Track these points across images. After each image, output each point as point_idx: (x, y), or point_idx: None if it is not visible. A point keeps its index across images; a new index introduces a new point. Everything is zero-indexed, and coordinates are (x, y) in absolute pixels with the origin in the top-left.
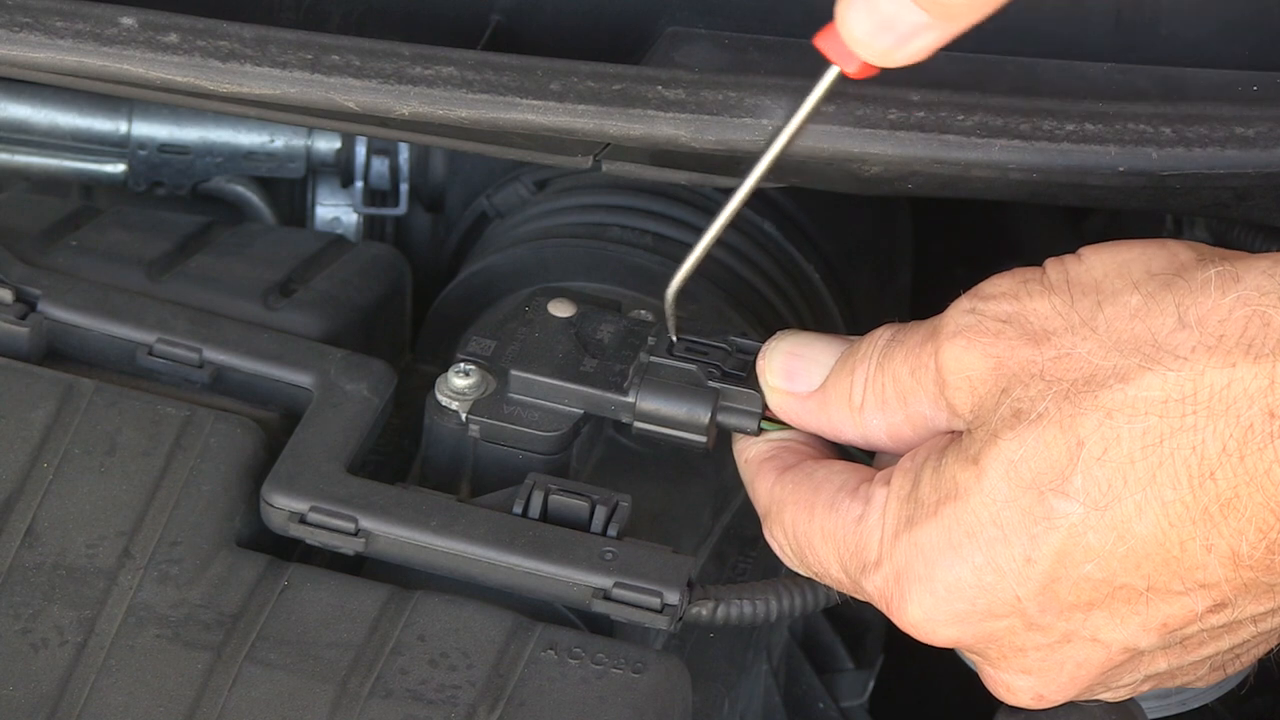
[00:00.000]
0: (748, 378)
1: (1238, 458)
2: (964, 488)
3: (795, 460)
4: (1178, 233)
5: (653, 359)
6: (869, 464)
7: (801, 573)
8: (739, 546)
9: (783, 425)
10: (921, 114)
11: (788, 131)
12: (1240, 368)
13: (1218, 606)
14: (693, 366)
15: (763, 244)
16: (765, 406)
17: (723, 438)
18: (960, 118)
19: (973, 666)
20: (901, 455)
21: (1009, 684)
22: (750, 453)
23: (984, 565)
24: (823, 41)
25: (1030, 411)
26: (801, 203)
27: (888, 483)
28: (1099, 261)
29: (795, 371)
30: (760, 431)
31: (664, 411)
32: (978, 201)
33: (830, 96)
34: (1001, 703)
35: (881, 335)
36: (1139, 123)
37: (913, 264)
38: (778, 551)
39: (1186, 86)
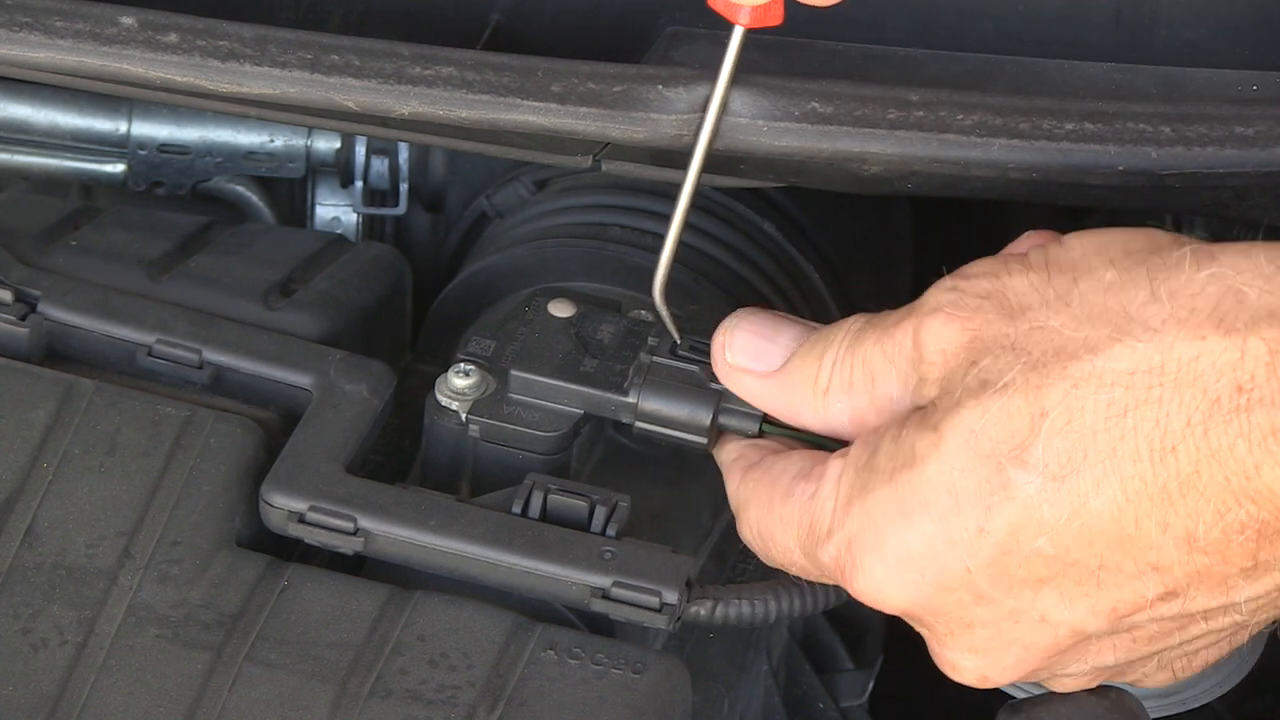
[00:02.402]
0: None
1: (1201, 431)
2: (921, 455)
3: (758, 457)
4: (1177, 232)
5: (655, 359)
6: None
7: (774, 566)
8: (739, 546)
9: (785, 429)
10: (921, 113)
11: (713, 109)
12: (1210, 340)
13: (1169, 594)
14: (695, 368)
15: (763, 244)
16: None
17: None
18: (960, 117)
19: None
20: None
21: (954, 662)
22: (722, 454)
23: (936, 534)
24: (714, 1)
25: (997, 381)
26: (801, 203)
27: (844, 456)
28: (1078, 243)
29: (758, 351)
30: (761, 434)
31: (666, 412)
32: (978, 201)
33: (830, 97)
34: (1001, 703)
35: (854, 322)
36: (1139, 122)
37: (913, 264)
38: (750, 548)
39: (1186, 86)
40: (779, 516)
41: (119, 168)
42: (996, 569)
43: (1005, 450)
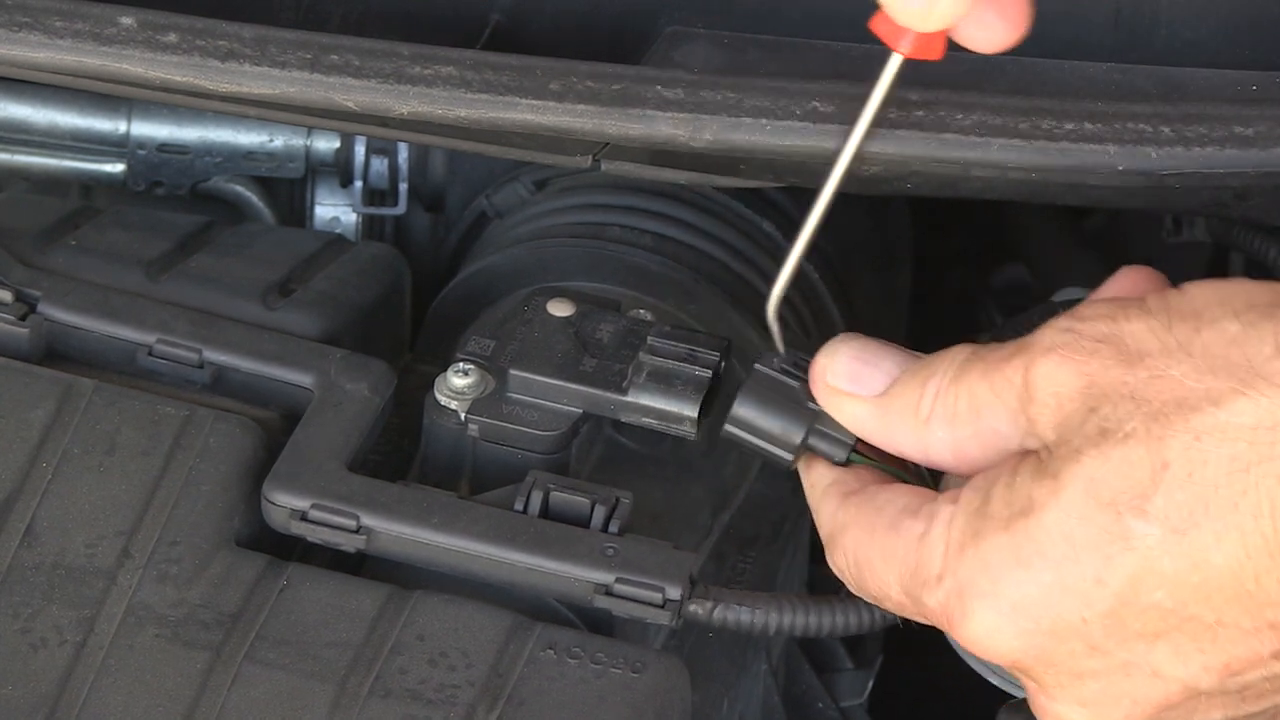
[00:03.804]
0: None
1: None
2: (1039, 503)
3: (859, 485)
4: (1177, 232)
5: (758, 367)
6: (935, 489)
7: (863, 597)
8: (738, 546)
9: (871, 459)
10: (920, 113)
11: (860, 129)
12: None
13: None
14: (795, 384)
15: (763, 244)
16: (858, 439)
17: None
18: (959, 117)
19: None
20: (963, 475)
21: (1061, 714)
22: (817, 477)
23: (1053, 583)
24: (877, 25)
25: (1117, 430)
26: (801, 203)
27: (955, 500)
28: (1200, 292)
29: (859, 375)
30: (848, 463)
31: (759, 423)
32: (978, 201)
33: (830, 97)
34: (1001, 703)
35: (960, 352)
36: (1138, 122)
37: (913, 264)
38: (840, 576)
39: (1186, 86)
40: (880, 548)
41: (119, 168)
42: (1113, 620)
43: (1126, 500)
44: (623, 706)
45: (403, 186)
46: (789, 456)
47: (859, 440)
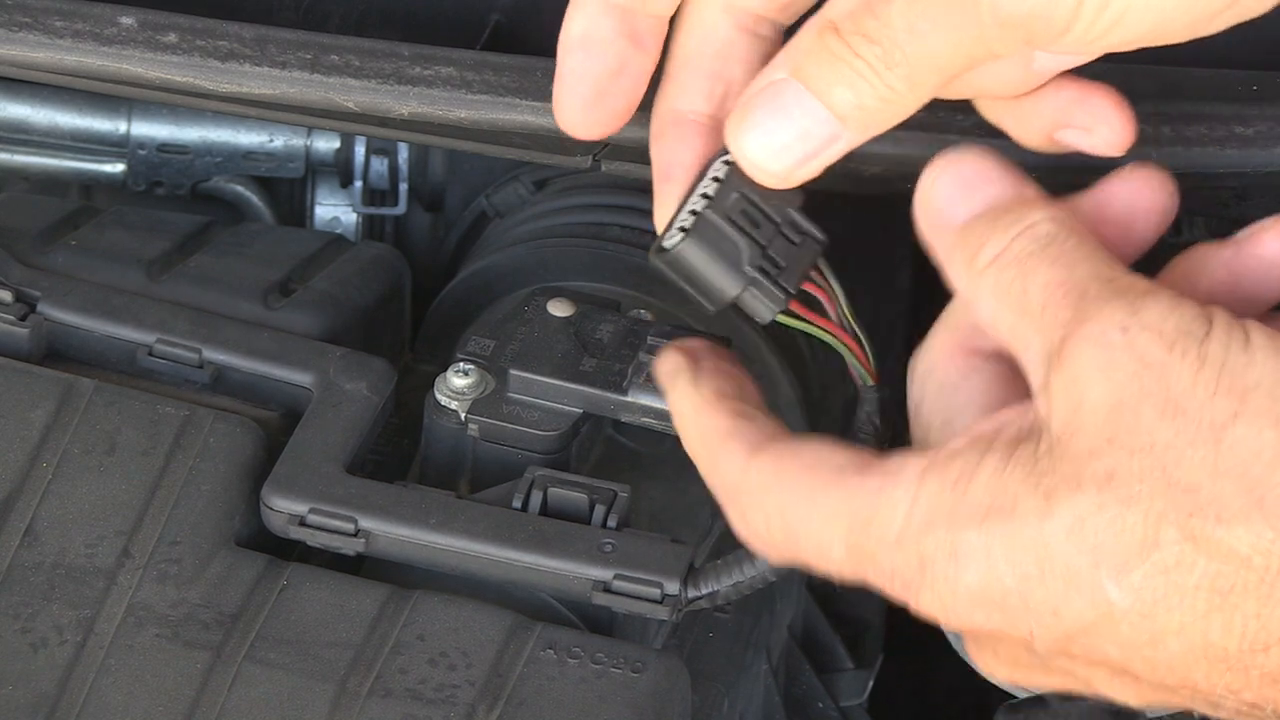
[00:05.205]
0: (786, 269)
1: None
2: (1022, 514)
3: (762, 437)
4: (1177, 233)
5: (707, 211)
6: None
7: (784, 563)
8: (738, 546)
9: (801, 320)
10: (921, 114)
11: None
12: None
13: (1210, 706)
14: (741, 239)
15: None
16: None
17: None
18: (960, 118)
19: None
20: (962, 378)
21: (991, 671)
22: (705, 421)
23: (1012, 592)
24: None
25: (1125, 485)
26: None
27: (925, 457)
28: (1262, 363)
29: (952, 199)
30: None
31: (696, 271)
32: None
33: None
34: (1001, 703)
35: (1041, 224)
36: (1138, 122)
37: (913, 264)
38: (753, 539)
39: (1186, 86)
40: (823, 510)
41: (119, 168)
42: (1059, 646)
43: (1108, 558)
44: (623, 706)
45: (403, 186)
46: (711, 308)
47: (791, 301)
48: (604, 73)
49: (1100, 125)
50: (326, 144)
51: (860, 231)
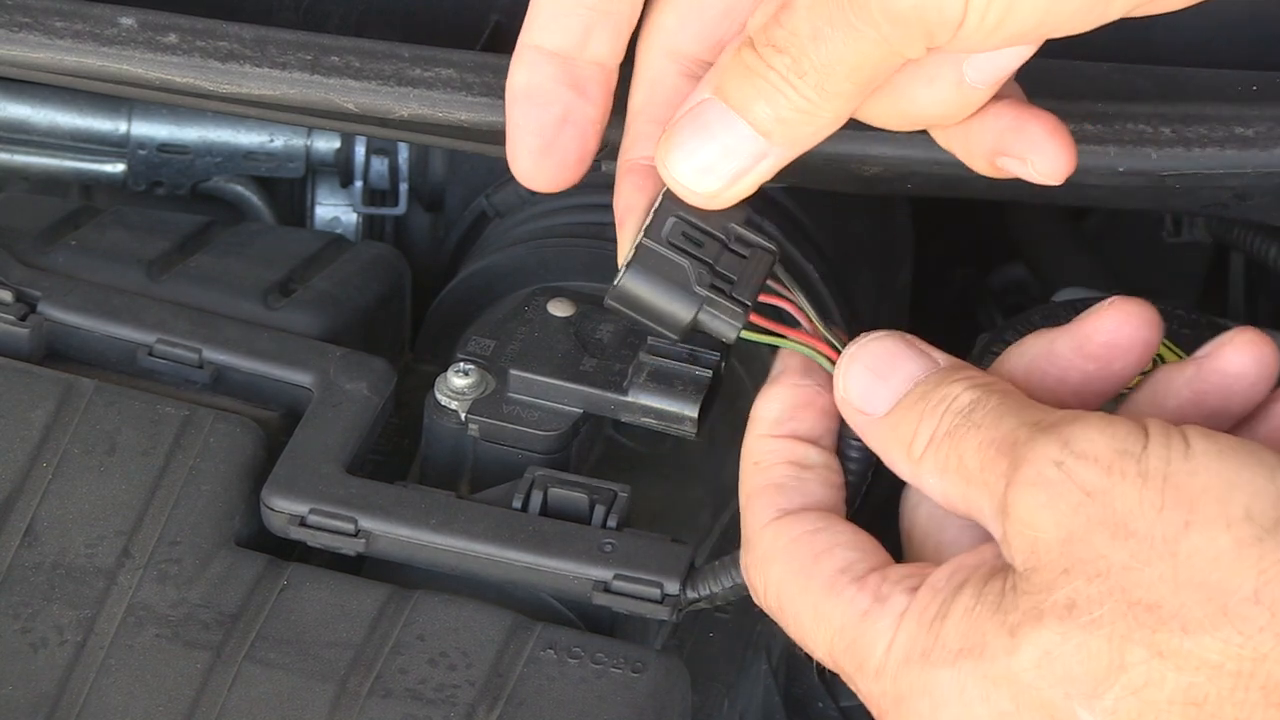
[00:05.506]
0: (739, 283)
1: None
2: (991, 652)
3: (798, 504)
4: (1177, 233)
5: (645, 240)
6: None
7: (784, 629)
8: (738, 546)
9: (767, 334)
10: None
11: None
12: None
13: None
14: (685, 261)
15: None
16: (747, 324)
17: (733, 441)
18: None
19: None
20: (947, 513)
21: None
22: (758, 456)
23: None
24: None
25: (1085, 611)
26: (801, 203)
27: (911, 591)
28: (1205, 468)
29: (868, 391)
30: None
31: (646, 301)
32: (978, 201)
33: None
34: None
35: (961, 396)
36: (1138, 123)
37: (913, 264)
38: (754, 597)
39: (1186, 86)
40: (813, 603)
41: (119, 168)
42: None
43: (1078, 686)
44: (623, 706)
45: (403, 186)
46: (673, 336)
47: (751, 314)
48: (550, 122)
49: (1034, 154)
50: (327, 144)
51: (860, 231)
